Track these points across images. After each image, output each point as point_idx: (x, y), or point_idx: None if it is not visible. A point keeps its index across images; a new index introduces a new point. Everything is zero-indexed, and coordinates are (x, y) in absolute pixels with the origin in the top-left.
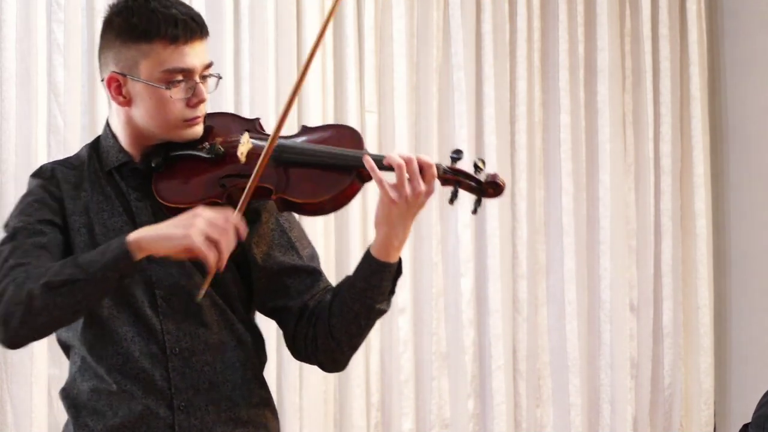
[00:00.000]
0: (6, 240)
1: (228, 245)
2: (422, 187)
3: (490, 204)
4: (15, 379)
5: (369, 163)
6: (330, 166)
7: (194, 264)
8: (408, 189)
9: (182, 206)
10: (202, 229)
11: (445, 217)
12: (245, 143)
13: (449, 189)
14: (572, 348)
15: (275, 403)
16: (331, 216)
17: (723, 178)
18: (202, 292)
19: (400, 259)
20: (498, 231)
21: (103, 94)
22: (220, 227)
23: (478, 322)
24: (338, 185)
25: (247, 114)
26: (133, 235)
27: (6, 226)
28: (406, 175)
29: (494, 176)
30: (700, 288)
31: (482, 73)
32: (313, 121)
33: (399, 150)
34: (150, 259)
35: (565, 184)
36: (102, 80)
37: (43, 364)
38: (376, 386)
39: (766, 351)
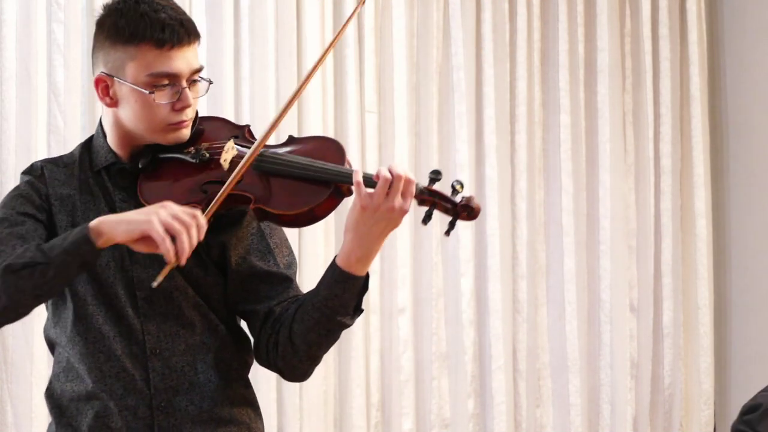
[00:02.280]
0: None
1: (188, 240)
2: (396, 201)
3: (490, 204)
4: (15, 379)
5: (357, 176)
6: (308, 179)
7: (178, 268)
8: (380, 199)
9: None
10: (163, 219)
11: (445, 217)
12: (229, 150)
13: (424, 208)
14: (572, 348)
15: (276, 403)
16: (333, 226)
17: (723, 178)
18: (158, 280)
19: (367, 275)
20: (498, 231)
21: None
22: (182, 221)
23: (478, 322)
24: (315, 198)
25: (246, 114)
26: (95, 221)
27: None
28: (387, 187)
29: (469, 200)
30: (700, 288)
31: (482, 73)
32: (313, 122)
33: (399, 149)
34: (132, 258)
35: (565, 184)
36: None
37: (43, 364)
38: (376, 386)
39: (766, 351)
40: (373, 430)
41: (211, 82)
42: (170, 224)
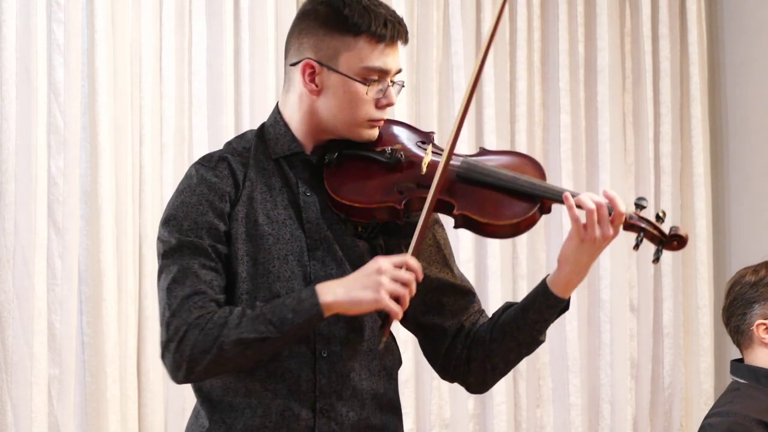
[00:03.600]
0: (171, 252)
1: (411, 295)
2: (610, 231)
3: None
4: (15, 379)
5: (569, 201)
6: (516, 193)
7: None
8: (597, 231)
9: (357, 205)
10: (389, 289)
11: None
12: (428, 154)
13: (631, 234)
14: (572, 348)
15: None
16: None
17: (723, 178)
18: (383, 342)
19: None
20: None
21: (103, 93)
22: (404, 281)
23: None
24: (522, 213)
25: (246, 114)
26: (326, 298)
27: (167, 223)
28: (596, 219)
29: (677, 229)
30: (700, 288)
31: (482, 73)
32: None
33: None
34: (311, 254)
35: (565, 184)
36: (293, 64)
37: (43, 364)
38: None
39: None
40: None
41: (402, 85)
42: (396, 292)
